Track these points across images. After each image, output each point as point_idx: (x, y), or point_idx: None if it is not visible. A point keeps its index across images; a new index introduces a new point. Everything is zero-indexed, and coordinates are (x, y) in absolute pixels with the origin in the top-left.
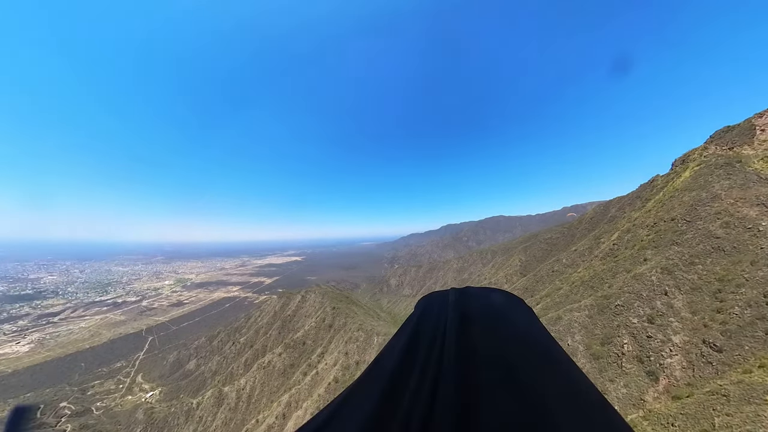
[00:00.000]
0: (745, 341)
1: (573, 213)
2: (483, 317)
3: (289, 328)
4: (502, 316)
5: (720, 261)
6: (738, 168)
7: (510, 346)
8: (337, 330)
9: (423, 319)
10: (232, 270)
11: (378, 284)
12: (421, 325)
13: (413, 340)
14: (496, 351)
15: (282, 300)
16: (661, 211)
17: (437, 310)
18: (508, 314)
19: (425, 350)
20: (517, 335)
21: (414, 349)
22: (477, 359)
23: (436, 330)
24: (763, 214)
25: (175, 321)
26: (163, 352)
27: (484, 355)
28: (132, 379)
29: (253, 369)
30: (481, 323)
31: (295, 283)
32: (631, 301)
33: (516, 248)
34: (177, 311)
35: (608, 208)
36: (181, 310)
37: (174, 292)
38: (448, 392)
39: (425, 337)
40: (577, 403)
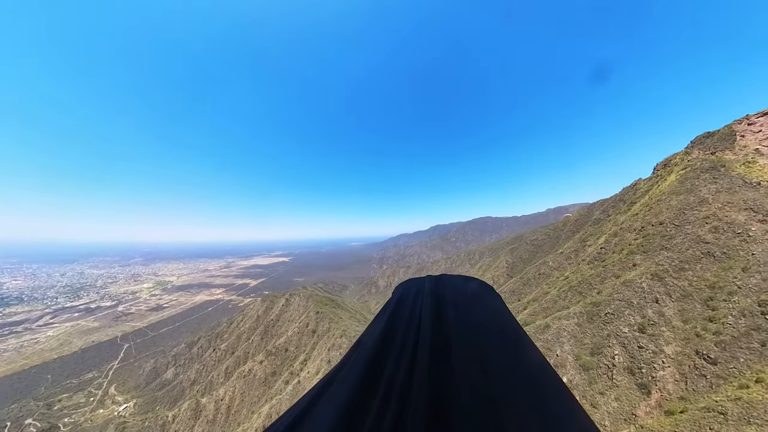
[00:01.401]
0: (740, 353)
1: (569, 213)
2: (457, 303)
3: (272, 334)
4: (474, 301)
5: (710, 267)
6: (723, 172)
7: (481, 329)
8: (321, 336)
9: (400, 305)
10: (216, 271)
11: (366, 285)
12: (399, 310)
13: (391, 324)
14: (469, 334)
15: (265, 304)
16: (648, 215)
17: (414, 296)
18: (479, 300)
19: (402, 334)
20: (487, 319)
21: (392, 332)
22: (451, 341)
23: (412, 314)
24: (751, 219)
25: (154, 326)
26: (139, 360)
27: (457, 338)
28: (104, 391)
29: (233, 378)
30: (455, 308)
31: (282, 285)
32: (622, 309)
33: (503, 249)
34: (156, 316)
35: (592, 211)
36: (160, 315)
37: (153, 296)
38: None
39: (402, 322)
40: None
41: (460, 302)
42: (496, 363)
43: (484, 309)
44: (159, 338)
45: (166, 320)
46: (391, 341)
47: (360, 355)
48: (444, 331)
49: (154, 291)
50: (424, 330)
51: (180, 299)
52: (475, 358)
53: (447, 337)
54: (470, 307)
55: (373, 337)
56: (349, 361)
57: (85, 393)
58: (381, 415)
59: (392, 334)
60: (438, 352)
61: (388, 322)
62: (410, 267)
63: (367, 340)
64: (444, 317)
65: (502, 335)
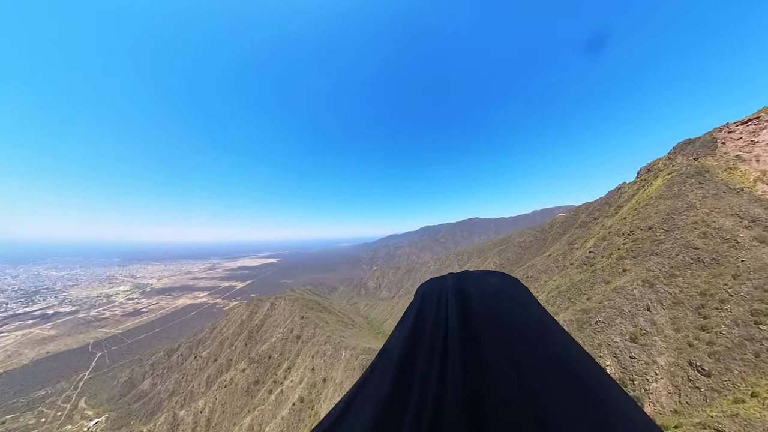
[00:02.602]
0: (734, 365)
1: (563, 213)
2: (482, 298)
3: (256, 339)
4: (499, 295)
5: (700, 273)
6: (708, 178)
7: (510, 323)
8: (305, 342)
9: (424, 306)
10: (200, 273)
11: (356, 287)
12: (423, 311)
13: (416, 326)
14: (497, 328)
15: (250, 308)
16: (636, 219)
17: (437, 296)
18: (505, 294)
19: (430, 335)
20: (516, 312)
21: (419, 334)
22: (480, 338)
23: (438, 314)
24: (738, 225)
25: (131, 333)
26: (113, 370)
27: (486, 334)
28: (73, 405)
29: (214, 388)
30: (480, 304)
31: (270, 288)
32: (613, 317)
33: (491, 250)
34: (133, 321)
35: (578, 213)
36: (137, 320)
37: (130, 300)
38: (455, 370)
39: (428, 323)
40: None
41: (485, 297)
42: (529, 356)
43: (510, 302)
44: (136, 345)
45: (144, 326)
46: (418, 343)
47: (388, 360)
48: (472, 327)
49: (132, 294)
50: (452, 328)
51: (160, 303)
52: (507, 352)
53: (476, 334)
54: (496, 302)
55: (399, 342)
56: (376, 368)
57: (35, 413)
58: (418, 416)
59: (419, 336)
60: (468, 349)
61: (414, 325)
62: (400, 268)
63: (394, 345)
64: (470, 314)
65: (531, 327)
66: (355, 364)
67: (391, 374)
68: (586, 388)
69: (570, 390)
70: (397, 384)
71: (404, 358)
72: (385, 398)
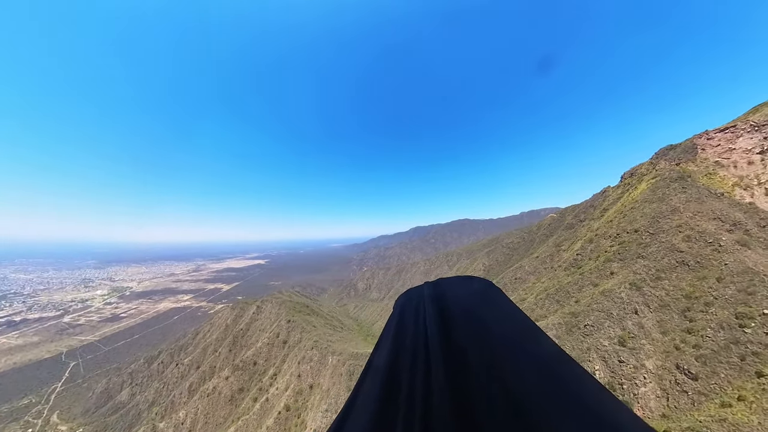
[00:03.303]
0: (721, 368)
1: (554, 214)
2: (459, 303)
3: (241, 345)
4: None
5: (685, 276)
6: (690, 182)
7: (488, 325)
8: (292, 347)
9: (403, 317)
10: (184, 275)
11: (345, 288)
12: (402, 322)
13: (398, 338)
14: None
15: (235, 311)
16: (623, 222)
17: (415, 306)
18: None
19: (411, 346)
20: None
21: (401, 347)
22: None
23: (417, 324)
24: (720, 228)
25: (108, 340)
26: (89, 380)
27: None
28: (45, 420)
29: (196, 397)
30: (458, 309)
31: (258, 290)
32: (602, 320)
33: (480, 251)
34: (111, 327)
35: (564, 215)
36: (116, 326)
37: (108, 304)
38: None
39: (409, 334)
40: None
41: (463, 302)
42: (510, 357)
43: (487, 305)
44: (114, 353)
45: (123, 332)
46: (401, 355)
47: (375, 376)
48: (451, 333)
49: (110, 298)
50: (431, 336)
51: (141, 307)
52: (488, 354)
53: (456, 339)
54: (473, 306)
55: (383, 356)
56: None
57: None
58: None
59: (401, 348)
60: (450, 355)
61: (395, 338)
62: (390, 268)
63: (378, 360)
64: (449, 320)
65: (509, 329)
66: (342, 371)
67: (378, 390)
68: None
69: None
70: (385, 397)
71: (389, 372)
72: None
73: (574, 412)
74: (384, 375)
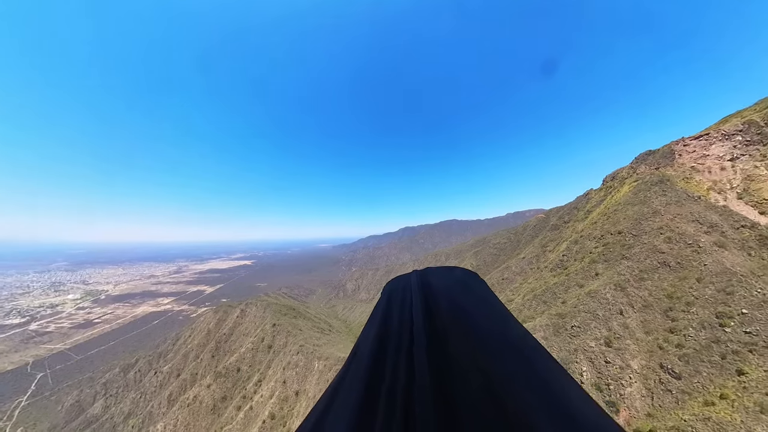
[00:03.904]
0: (703, 367)
1: (542, 215)
2: (444, 292)
3: (225, 350)
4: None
5: (667, 277)
6: (669, 186)
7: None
8: (277, 352)
9: (390, 303)
10: (165, 278)
11: (334, 289)
12: (390, 308)
13: (384, 323)
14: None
15: (218, 315)
16: (607, 224)
17: (402, 293)
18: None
19: (397, 331)
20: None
21: (386, 332)
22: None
23: (402, 310)
24: (699, 230)
25: (81, 348)
26: (57, 393)
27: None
28: None
29: (175, 407)
30: (443, 297)
31: (243, 292)
32: (588, 321)
33: (468, 252)
34: (83, 334)
35: (549, 217)
36: (89, 333)
37: (80, 309)
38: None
39: (394, 320)
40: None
41: (447, 291)
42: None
43: (471, 295)
44: (87, 362)
45: (97, 339)
46: (386, 341)
47: (359, 361)
48: (435, 321)
49: (83, 303)
50: (416, 323)
51: (117, 312)
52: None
53: (440, 327)
54: (458, 295)
55: (369, 341)
56: (349, 370)
57: None
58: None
59: (387, 333)
60: (434, 345)
61: (381, 322)
62: (379, 269)
63: (364, 345)
64: (434, 308)
65: (491, 318)
66: (329, 376)
67: (363, 373)
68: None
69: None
70: (370, 382)
71: (374, 356)
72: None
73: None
74: (370, 355)
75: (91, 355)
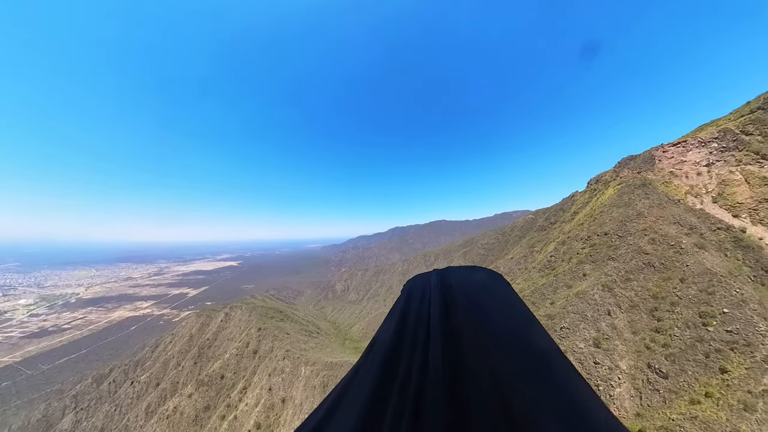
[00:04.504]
0: (688, 365)
1: (531, 215)
2: (464, 293)
3: (208, 357)
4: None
5: (652, 277)
6: (652, 189)
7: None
8: (263, 357)
9: (409, 300)
10: (144, 280)
11: (323, 290)
12: (408, 305)
13: (402, 321)
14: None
15: (201, 319)
16: (593, 225)
17: (421, 292)
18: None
19: (414, 328)
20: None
21: (404, 327)
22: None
23: (421, 309)
24: (680, 232)
25: (46, 357)
26: (19, 408)
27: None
28: None
29: (153, 420)
30: (462, 298)
31: (229, 294)
32: (577, 322)
33: (456, 252)
34: (37, 345)
35: (536, 218)
36: (47, 343)
37: (33, 316)
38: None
39: (412, 318)
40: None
41: (468, 292)
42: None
43: (492, 297)
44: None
45: (66, 347)
46: (403, 338)
47: (376, 353)
48: (453, 321)
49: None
50: (433, 322)
51: (88, 317)
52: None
53: (457, 328)
54: (478, 296)
55: (387, 334)
56: (366, 360)
57: None
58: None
59: (404, 328)
60: (449, 343)
61: (400, 318)
62: (368, 269)
63: (382, 337)
64: (452, 308)
65: (512, 323)
66: (316, 382)
67: (378, 367)
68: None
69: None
70: (384, 376)
71: (390, 351)
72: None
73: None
74: (387, 349)
75: (58, 365)
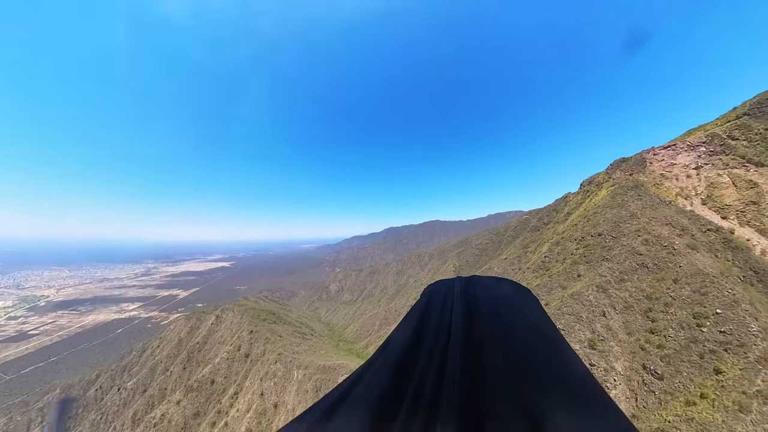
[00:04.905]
0: (683, 366)
1: (526, 216)
2: (488, 305)
3: (198, 361)
4: (507, 305)
5: (645, 278)
6: (644, 191)
7: (515, 335)
8: (255, 361)
9: (430, 306)
10: (130, 280)
11: (317, 291)
12: (428, 311)
13: (420, 325)
14: (502, 337)
15: (191, 322)
16: (587, 226)
17: (443, 298)
18: (512, 303)
19: (432, 336)
20: (522, 325)
21: (421, 334)
22: (483, 345)
23: (442, 316)
24: (672, 233)
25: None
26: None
27: (489, 342)
28: None
29: (140, 429)
30: (486, 310)
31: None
32: (572, 323)
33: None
34: (15, 349)
35: (529, 218)
36: (22, 348)
37: (11, 319)
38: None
39: (432, 324)
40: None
41: (492, 304)
42: (531, 369)
43: (517, 312)
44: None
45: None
46: (420, 342)
47: (388, 356)
48: (475, 334)
49: (15, 312)
50: (455, 332)
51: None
52: (508, 363)
53: (479, 340)
54: (503, 310)
55: (402, 338)
56: (375, 363)
57: None
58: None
59: (422, 335)
60: (470, 356)
61: (418, 324)
62: (362, 270)
63: (396, 340)
64: (475, 320)
65: (536, 340)
66: (308, 386)
67: (391, 368)
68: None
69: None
70: (398, 377)
71: (406, 353)
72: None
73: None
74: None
75: (29, 372)
